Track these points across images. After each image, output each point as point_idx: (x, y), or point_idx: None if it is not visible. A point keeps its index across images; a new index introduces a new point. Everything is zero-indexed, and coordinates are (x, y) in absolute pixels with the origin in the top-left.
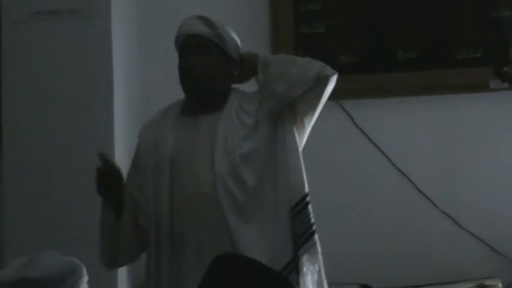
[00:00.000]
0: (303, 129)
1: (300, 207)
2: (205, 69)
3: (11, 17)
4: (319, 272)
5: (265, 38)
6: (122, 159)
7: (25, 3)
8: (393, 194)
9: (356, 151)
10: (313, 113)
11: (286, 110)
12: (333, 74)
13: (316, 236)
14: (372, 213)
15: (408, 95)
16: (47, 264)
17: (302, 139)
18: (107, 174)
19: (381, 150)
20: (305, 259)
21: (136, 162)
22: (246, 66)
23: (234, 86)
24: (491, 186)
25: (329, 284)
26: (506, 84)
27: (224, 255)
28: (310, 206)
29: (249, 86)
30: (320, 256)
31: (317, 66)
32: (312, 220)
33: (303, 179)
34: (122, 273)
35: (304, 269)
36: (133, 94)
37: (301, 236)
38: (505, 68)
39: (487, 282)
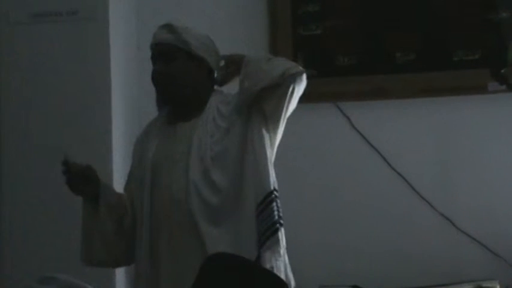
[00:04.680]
0: (273, 131)
1: (264, 204)
2: (170, 76)
3: (10, 19)
4: (284, 268)
5: (263, 40)
6: (120, 158)
7: (23, 5)
8: (391, 196)
9: (354, 153)
10: (280, 114)
11: (255, 111)
12: (299, 73)
13: (279, 234)
14: (369, 215)
15: (406, 97)
16: (63, 281)
17: (274, 140)
18: (75, 173)
19: (379, 152)
20: (267, 256)
21: (129, 176)
22: (233, 66)
23: (219, 88)
24: (489, 188)
25: (326, 287)
26: (504, 87)
27: (217, 254)
28: (275, 204)
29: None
30: (283, 252)
31: (285, 65)
32: (276, 217)
33: (269, 177)
34: (120, 277)
35: (268, 265)
36: (131, 95)
37: (263, 234)
38: (503, 70)
39: (485, 284)
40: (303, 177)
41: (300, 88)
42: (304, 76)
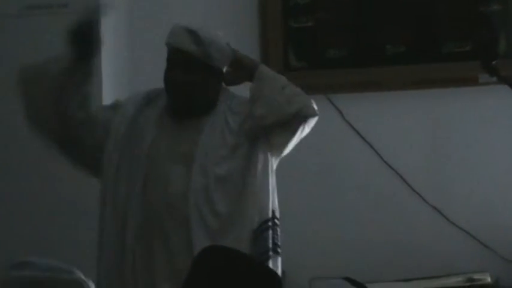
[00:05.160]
0: (276, 158)
1: (259, 231)
2: (189, 88)
3: (0, 11)
4: None
5: (253, 32)
6: None
7: None
8: (382, 189)
9: (345, 145)
10: (285, 147)
11: (262, 138)
12: (312, 115)
13: (270, 262)
14: (360, 207)
15: (397, 89)
16: (44, 263)
17: (274, 165)
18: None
19: (370, 145)
20: None
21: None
22: (244, 72)
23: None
24: (480, 180)
25: (317, 279)
26: (494, 78)
27: (211, 247)
28: (271, 231)
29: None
30: None
31: (301, 102)
32: (269, 246)
33: (268, 204)
34: None
35: None
36: (123, 89)
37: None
38: (493, 62)
39: (476, 276)
40: (294, 170)
41: (310, 126)
42: (317, 117)
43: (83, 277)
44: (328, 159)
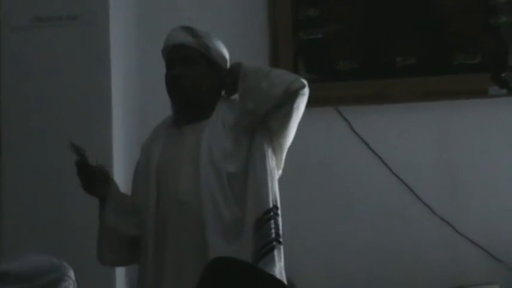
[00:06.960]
0: (280, 148)
1: (261, 222)
2: (191, 79)
3: (11, 23)
4: None
5: (264, 45)
6: (120, 164)
7: (24, 9)
8: (391, 200)
9: (354, 157)
10: (286, 130)
11: (259, 128)
12: (300, 88)
13: (274, 252)
14: (369, 219)
15: (406, 101)
16: (26, 261)
17: (280, 155)
18: (88, 170)
19: (379, 157)
20: None
21: (136, 177)
22: (232, 76)
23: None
24: (489, 192)
25: None
26: (504, 91)
27: (220, 258)
28: (273, 221)
29: None
30: (278, 271)
31: (286, 81)
32: (272, 235)
33: (268, 193)
34: (120, 276)
35: None
36: (132, 100)
37: (259, 251)
38: (503, 74)
39: None
40: (303, 182)
41: (303, 100)
42: (307, 88)
43: (61, 271)
44: (337, 171)
